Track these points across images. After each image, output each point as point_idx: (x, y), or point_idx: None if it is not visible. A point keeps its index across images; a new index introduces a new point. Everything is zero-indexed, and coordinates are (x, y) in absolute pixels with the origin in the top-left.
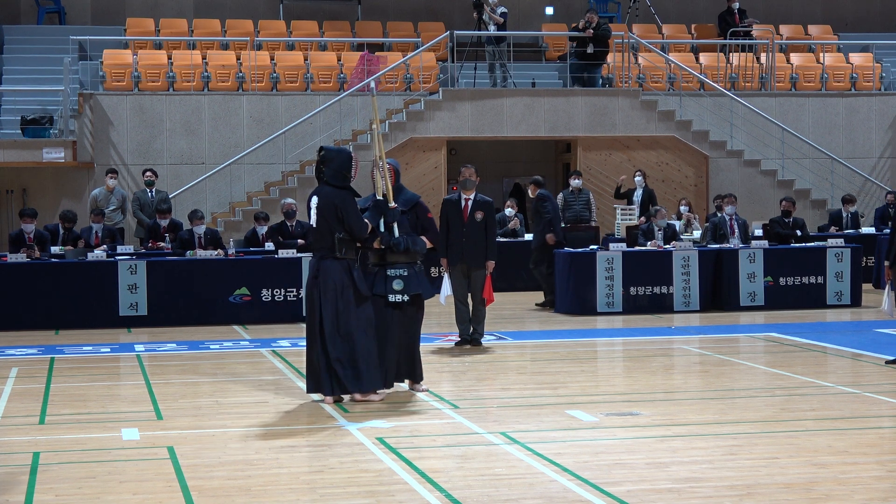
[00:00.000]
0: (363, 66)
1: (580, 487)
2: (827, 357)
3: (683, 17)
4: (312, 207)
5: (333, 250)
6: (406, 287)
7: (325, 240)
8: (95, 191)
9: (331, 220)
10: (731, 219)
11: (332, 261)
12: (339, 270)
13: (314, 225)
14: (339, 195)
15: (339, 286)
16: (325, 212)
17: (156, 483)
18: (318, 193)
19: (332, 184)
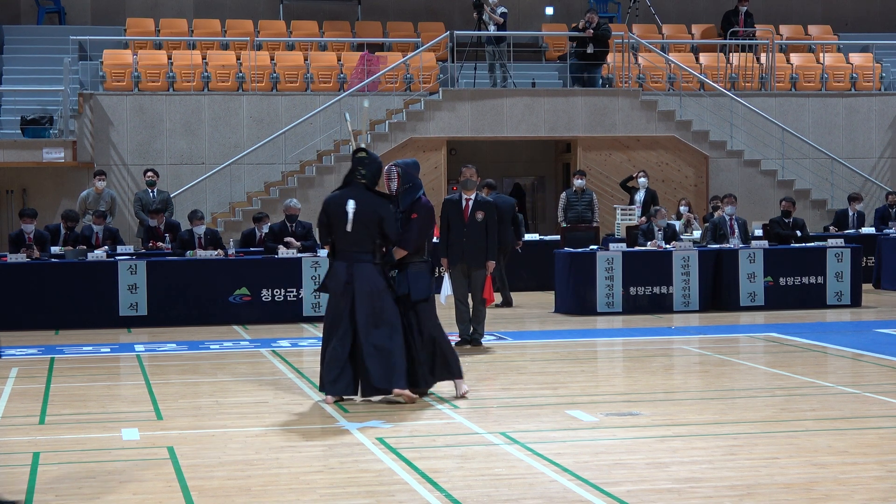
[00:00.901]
0: (363, 66)
1: (580, 487)
2: (827, 357)
3: (683, 17)
4: (349, 211)
5: (369, 255)
6: (397, 287)
7: (360, 244)
8: (84, 192)
9: (371, 226)
10: (730, 219)
11: (369, 265)
12: (375, 274)
13: (349, 230)
14: (383, 205)
15: (375, 290)
16: (366, 218)
17: (156, 483)
18: (356, 198)
19: (372, 189)
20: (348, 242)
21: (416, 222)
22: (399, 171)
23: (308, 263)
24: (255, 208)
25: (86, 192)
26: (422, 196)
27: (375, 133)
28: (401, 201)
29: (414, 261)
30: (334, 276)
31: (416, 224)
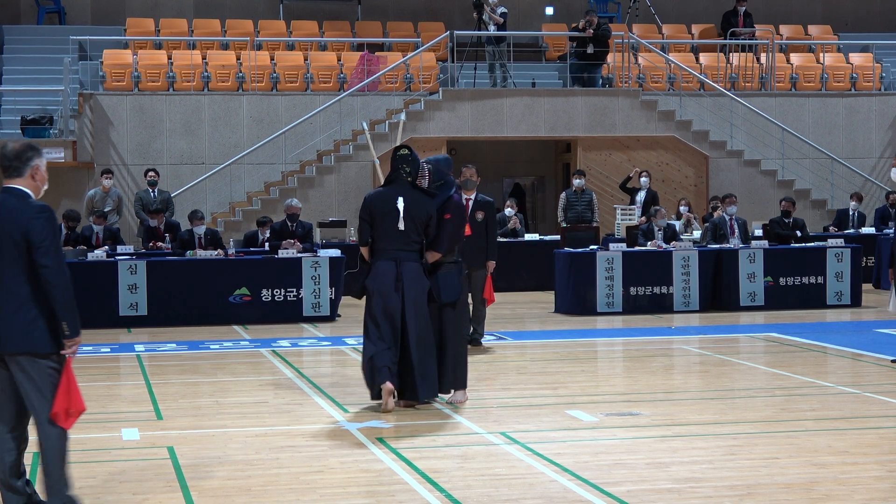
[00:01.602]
0: (363, 66)
1: (580, 487)
2: (827, 357)
3: (683, 17)
4: (399, 209)
5: (417, 254)
6: None
7: (408, 244)
8: (91, 191)
9: (420, 225)
10: (731, 219)
11: (417, 265)
12: (422, 275)
13: (402, 228)
14: (431, 205)
15: (423, 291)
16: (416, 216)
17: (156, 483)
18: (405, 195)
19: (419, 188)
20: (396, 241)
21: (449, 223)
22: (430, 168)
23: (308, 263)
24: (255, 208)
25: (93, 190)
26: (453, 195)
27: (375, 133)
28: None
29: (444, 261)
30: (380, 276)
31: (450, 224)
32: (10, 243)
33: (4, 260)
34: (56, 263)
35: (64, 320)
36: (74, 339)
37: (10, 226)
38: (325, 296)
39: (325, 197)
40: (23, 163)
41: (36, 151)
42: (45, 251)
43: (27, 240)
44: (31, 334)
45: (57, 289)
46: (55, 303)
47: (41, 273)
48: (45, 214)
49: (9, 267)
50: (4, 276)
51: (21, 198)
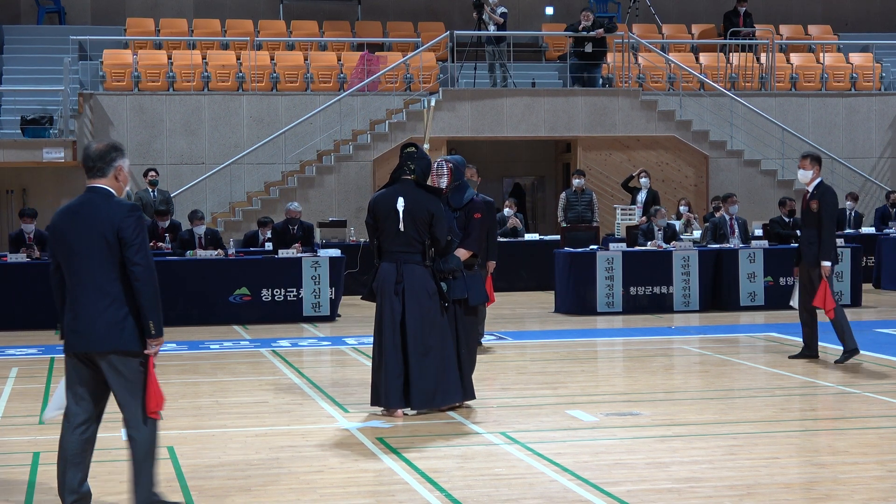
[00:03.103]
0: (363, 66)
1: (580, 487)
2: (827, 357)
3: (683, 17)
4: (399, 210)
5: (419, 255)
6: (450, 291)
7: (410, 245)
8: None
9: (421, 226)
10: (731, 219)
11: (419, 267)
12: (427, 277)
13: (402, 229)
14: (434, 202)
15: (428, 292)
16: (417, 217)
17: None
18: (406, 195)
19: (422, 186)
20: (398, 242)
21: (479, 222)
22: (451, 166)
23: (308, 263)
24: (255, 208)
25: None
26: (477, 195)
27: (375, 133)
28: (451, 199)
29: (474, 263)
30: (381, 278)
31: (480, 223)
32: (100, 242)
33: (94, 259)
34: (146, 262)
35: (150, 319)
36: (158, 339)
37: (100, 224)
38: (325, 296)
39: (325, 197)
40: (107, 163)
41: (119, 152)
42: (137, 249)
43: (119, 238)
44: (121, 333)
45: (146, 287)
46: (143, 301)
47: (132, 271)
48: (137, 214)
49: (98, 265)
50: (94, 275)
51: (108, 197)
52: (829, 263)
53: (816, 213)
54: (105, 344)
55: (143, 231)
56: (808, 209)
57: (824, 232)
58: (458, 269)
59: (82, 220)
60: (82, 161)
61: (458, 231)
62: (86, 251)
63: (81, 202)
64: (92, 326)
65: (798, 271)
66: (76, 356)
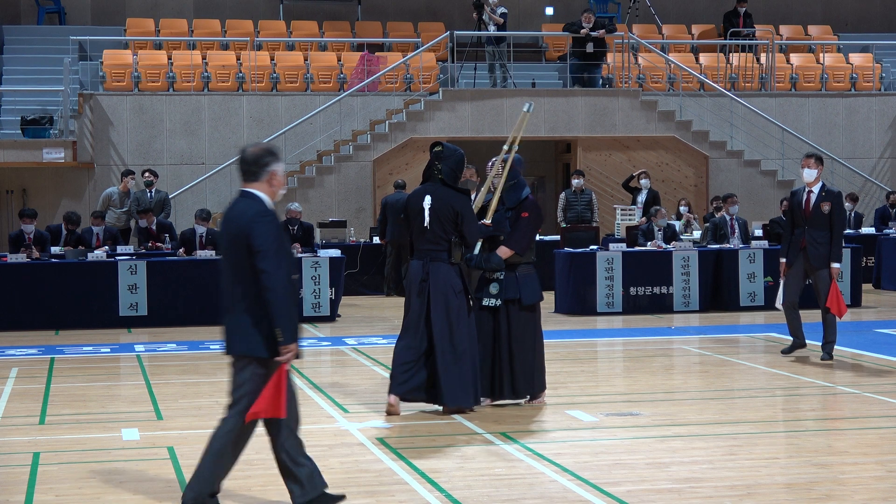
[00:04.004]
0: (363, 66)
1: (580, 487)
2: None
3: (683, 17)
4: (426, 208)
5: (445, 253)
6: (501, 291)
7: (436, 242)
8: (110, 189)
9: (447, 223)
10: (731, 219)
11: (446, 265)
12: (453, 275)
13: (427, 226)
14: (459, 199)
15: (454, 290)
16: (442, 215)
17: (156, 483)
18: (433, 193)
19: (449, 184)
20: (425, 240)
21: (525, 221)
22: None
23: (308, 263)
24: None
25: (112, 188)
26: (530, 195)
27: (375, 133)
28: (506, 198)
29: (521, 263)
30: (410, 276)
31: (526, 223)
32: (237, 247)
33: (233, 263)
34: (273, 269)
35: (278, 326)
36: (289, 347)
37: (236, 229)
38: (325, 296)
39: (325, 197)
40: (260, 167)
41: (274, 156)
42: (263, 256)
43: (247, 245)
44: (251, 338)
45: (273, 294)
46: (271, 308)
47: (259, 278)
48: (267, 219)
49: (236, 270)
50: (234, 279)
51: (252, 202)
52: (839, 265)
53: (828, 216)
54: (237, 348)
55: (272, 237)
56: (818, 210)
57: (837, 234)
58: (500, 268)
59: (228, 223)
60: (237, 164)
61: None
62: (227, 255)
63: (232, 206)
64: (229, 330)
65: (786, 269)
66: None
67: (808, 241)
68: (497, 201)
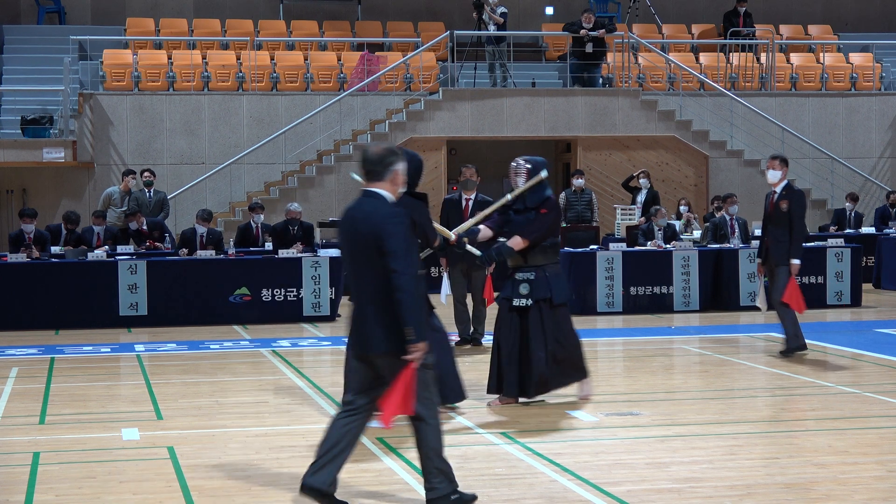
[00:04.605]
0: (363, 66)
1: (580, 487)
2: (827, 357)
3: (683, 17)
4: None
5: None
6: (531, 291)
7: None
8: (111, 189)
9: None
10: (731, 219)
11: None
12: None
13: None
14: (417, 208)
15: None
16: None
17: (156, 483)
18: None
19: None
20: None
21: (543, 216)
22: (528, 167)
23: (308, 263)
24: None
25: (113, 188)
26: (551, 196)
27: (375, 133)
28: (527, 198)
29: (549, 263)
30: None
31: (545, 218)
32: (366, 246)
33: (363, 262)
34: (405, 268)
35: (409, 325)
36: (418, 346)
37: (365, 229)
38: (325, 296)
39: (325, 197)
40: (385, 167)
41: (397, 156)
42: (395, 256)
43: (379, 245)
44: (393, 336)
45: (405, 294)
46: (401, 307)
47: (392, 278)
48: (398, 220)
49: (366, 269)
50: (364, 278)
51: (379, 202)
52: (799, 261)
53: (787, 213)
54: (379, 347)
55: (403, 239)
56: (778, 209)
57: (796, 231)
58: (510, 256)
59: (355, 223)
60: (360, 164)
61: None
62: (356, 254)
63: (356, 205)
64: (364, 329)
65: (762, 269)
66: (355, 354)
67: (770, 239)
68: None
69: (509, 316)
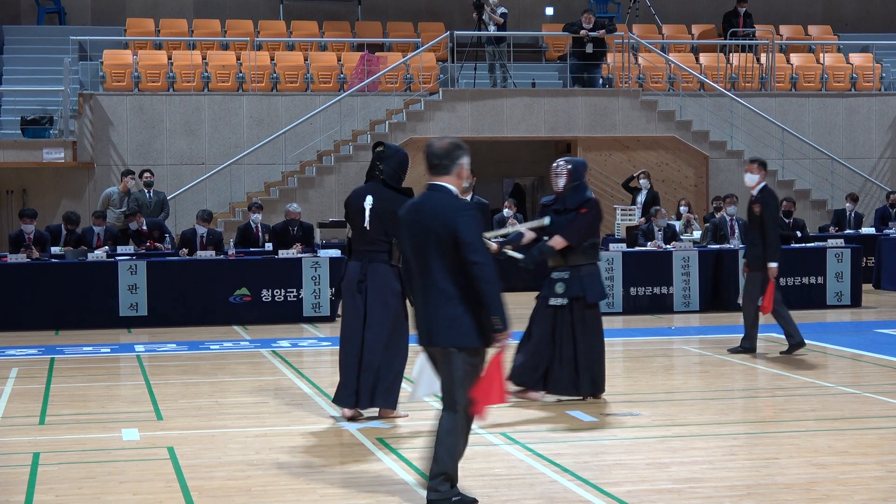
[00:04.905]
0: (363, 66)
1: (580, 487)
2: (827, 357)
3: (683, 17)
4: (366, 208)
5: (385, 254)
6: (566, 290)
7: (375, 244)
8: (110, 189)
9: (388, 225)
10: (731, 219)
11: (384, 266)
12: (392, 276)
13: (367, 227)
14: (401, 202)
15: (392, 292)
16: (383, 216)
17: (156, 483)
18: (375, 194)
19: (391, 185)
20: (364, 241)
21: (584, 216)
22: (570, 168)
23: (308, 263)
24: None
25: (112, 188)
26: (592, 196)
27: (375, 133)
28: (568, 199)
29: (585, 263)
30: (347, 276)
31: (584, 218)
32: (437, 240)
33: (431, 256)
34: (485, 259)
35: (496, 314)
36: (505, 333)
37: (435, 222)
38: (325, 296)
39: (324, 197)
40: (451, 161)
41: (463, 150)
42: (474, 248)
43: (455, 238)
44: (458, 329)
45: (488, 284)
46: (486, 298)
47: (471, 269)
48: (471, 212)
49: (436, 263)
50: (432, 271)
51: (448, 195)
52: (776, 264)
53: (759, 217)
54: (442, 339)
55: (478, 229)
56: (751, 212)
57: (768, 235)
58: (550, 255)
59: (423, 217)
60: (426, 159)
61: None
62: (425, 248)
63: (423, 199)
64: (431, 322)
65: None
66: (425, 349)
67: (747, 242)
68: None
69: (544, 313)
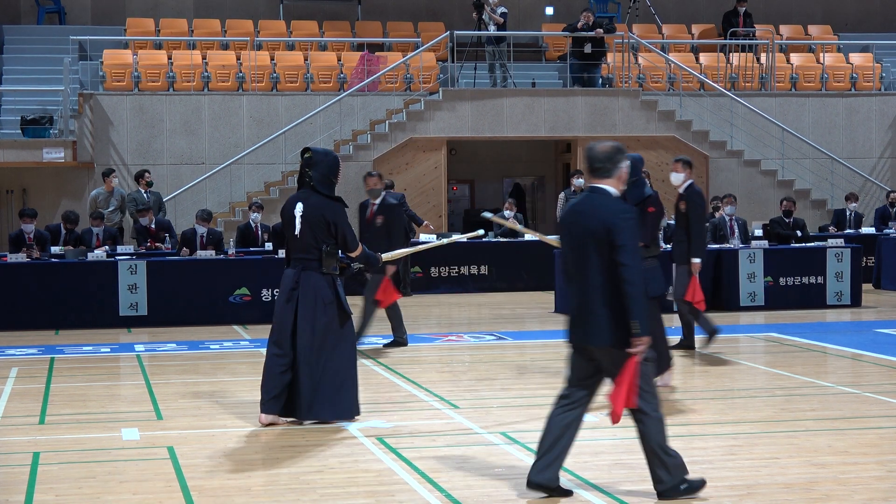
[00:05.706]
0: (363, 66)
1: (580, 487)
2: (827, 357)
3: (683, 17)
4: (297, 216)
5: (317, 263)
6: None
7: (308, 251)
8: (95, 191)
9: (318, 232)
10: (730, 219)
11: (316, 274)
12: (324, 285)
13: (297, 234)
14: (330, 208)
15: (324, 301)
16: (313, 223)
17: (156, 483)
18: (304, 201)
19: (320, 191)
20: (297, 248)
21: (652, 216)
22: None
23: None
24: None
25: (96, 190)
26: (652, 193)
27: (375, 133)
28: (628, 196)
29: (647, 257)
30: (282, 284)
31: (653, 217)
32: (593, 241)
33: (588, 256)
34: (635, 262)
35: (637, 318)
36: (643, 339)
37: (594, 223)
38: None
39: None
40: (613, 164)
41: (624, 154)
42: (626, 251)
43: (610, 240)
44: (617, 330)
45: (633, 287)
46: (630, 301)
47: (621, 271)
48: (629, 216)
49: (592, 263)
50: (589, 271)
51: (607, 198)
52: (699, 260)
53: (685, 214)
54: (599, 339)
55: (633, 234)
56: (678, 209)
57: (693, 231)
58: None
59: (583, 218)
60: (587, 161)
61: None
62: (582, 248)
63: (583, 201)
64: (587, 321)
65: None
66: (574, 346)
67: (674, 239)
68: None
69: None
